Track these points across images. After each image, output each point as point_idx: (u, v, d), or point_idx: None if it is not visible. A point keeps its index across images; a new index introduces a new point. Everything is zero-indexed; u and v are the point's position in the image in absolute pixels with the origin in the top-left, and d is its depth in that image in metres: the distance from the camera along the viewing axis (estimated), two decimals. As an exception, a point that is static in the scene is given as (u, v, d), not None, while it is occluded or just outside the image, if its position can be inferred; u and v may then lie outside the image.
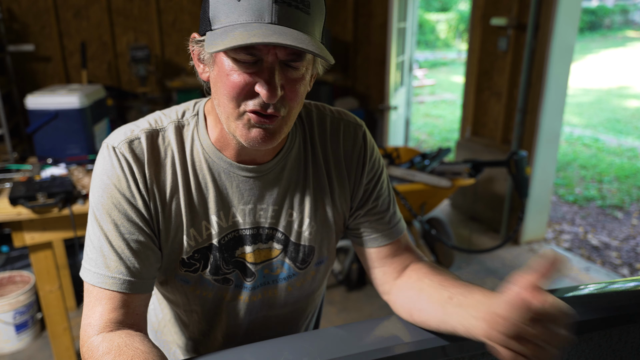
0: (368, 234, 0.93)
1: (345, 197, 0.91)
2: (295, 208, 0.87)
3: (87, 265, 0.78)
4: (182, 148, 0.82)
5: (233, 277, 0.89)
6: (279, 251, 0.89)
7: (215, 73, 0.73)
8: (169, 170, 0.81)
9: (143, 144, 0.79)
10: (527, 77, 3.40)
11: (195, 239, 0.83)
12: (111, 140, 0.80)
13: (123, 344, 0.71)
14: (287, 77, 0.70)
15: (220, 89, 0.72)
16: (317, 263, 0.93)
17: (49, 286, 2.04)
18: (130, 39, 4.26)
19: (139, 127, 0.82)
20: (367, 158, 0.91)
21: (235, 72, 0.69)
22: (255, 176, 0.84)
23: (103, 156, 0.79)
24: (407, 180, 2.89)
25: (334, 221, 0.91)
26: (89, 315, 0.77)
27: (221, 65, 0.70)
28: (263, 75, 0.68)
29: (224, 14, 0.67)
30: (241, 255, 0.87)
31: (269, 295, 0.92)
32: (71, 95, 2.30)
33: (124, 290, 0.76)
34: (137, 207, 0.78)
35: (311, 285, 0.96)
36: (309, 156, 0.88)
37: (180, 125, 0.83)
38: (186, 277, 0.87)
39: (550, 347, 0.60)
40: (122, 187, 0.77)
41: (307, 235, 0.89)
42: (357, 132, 0.91)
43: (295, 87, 0.72)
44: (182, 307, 0.93)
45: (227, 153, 0.82)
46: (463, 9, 17.83)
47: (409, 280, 0.89)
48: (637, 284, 0.96)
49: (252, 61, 0.68)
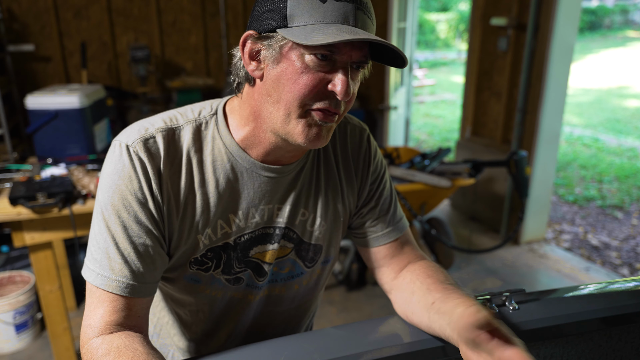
0: (369, 234, 0.95)
1: (354, 196, 0.94)
2: (309, 207, 0.89)
3: (91, 265, 0.77)
4: (200, 147, 0.81)
5: (245, 276, 0.89)
6: (290, 249, 0.90)
7: (278, 71, 0.72)
8: (185, 170, 0.79)
9: (159, 143, 0.77)
10: (527, 77, 3.40)
11: (210, 238, 0.83)
12: (124, 138, 0.78)
13: (122, 345, 0.71)
14: (352, 79, 0.73)
15: (287, 86, 0.71)
16: (323, 262, 0.95)
17: (49, 286, 2.04)
18: (130, 39, 4.26)
19: (153, 125, 0.79)
20: (371, 160, 0.94)
21: (310, 70, 0.70)
22: (278, 177, 0.84)
23: (115, 155, 0.77)
24: (407, 180, 2.89)
25: (343, 220, 0.94)
26: (89, 317, 0.76)
27: (292, 63, 0.70)
28: (339, 75, 0.71)
29: (307, 13, 0.68)
30: (255, 255, 0.88)
31: (275, 292, 0.93)
32: (71, 95, 2.30)
33: (127, 294, 0.75)
34: (149, 209, 0.76)
35: (316, 283, 0.98)
36: (321, 157, 0.90)
37: (198, 124, 0.82)
38: (197, 275, 0.86)
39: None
40: (134, 188, 0.75)
41: (317, 235, 0.91)
42: (362, 135, 0.95)
43: (354, 90, 0.75)
44: (188, 307, 0.93)
45: (253, 153, 0.82)
46: (463, 9, 17.82)
47: (403, 281, 0.91)
48: (637, 284, 0.96)
49: (327, 59, 0.70)
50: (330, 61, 0.70)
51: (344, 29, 0.67)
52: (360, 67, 0.74)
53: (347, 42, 0.69)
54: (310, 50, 0.69)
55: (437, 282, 0.84)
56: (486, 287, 3.13)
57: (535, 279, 3.29)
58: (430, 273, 0.87)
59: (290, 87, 0.71)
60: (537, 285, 3.23)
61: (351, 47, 0.70)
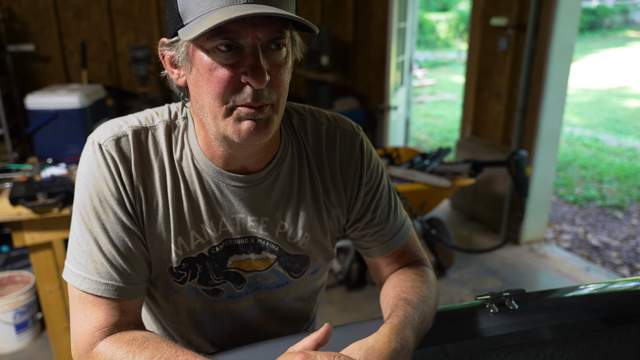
0: (368, 246, 0.92)
1: (342, 207, 0.87)
2: (287, 220, 0.84)
3: (75, 269, 0.74)
4: (171, 151, 0.78)
5: (224, 287, 0.86)
6: (273, 260, 0.86)
7: (194, 73, 0.68)
8: (157, 173, 0.77)
9: (130, 142, 0.75)
10: (527, 77, 3.40)
11: (183, 248, 0.80)
12: (97, 136, 0.76)
13: (140, 336, 0.71)
14: (271, 62, 0.67)
15: (202, 88, 0.67)
16: (312, 272, 0.91)
17: (49, 286, 2.04)
18: (130, 39, 4.26)
19: (127, 123, 0.77)
20: (364, 169, 0.86)
21: (218, 66, 0.65)
22: (246, 186, 0.79)
23: (88, 154, 0.75)
24: (407, 180, 2.89)
25: (330, 231, 0.88)
26: (81, 323, 0.73)
27: (201, 62, 0.66)
28: (247, 61, 0.65)
29: (195, 4, 0.64)
30: (233, 265, 0.85)
31: (261, 298, 0.90)
32: (71, 95, 2.29)
33: (117, 296, 0.73)
34: (126, 208, 0.74)
35: (304, 291, 0.95)
36: (304, 166, 0.84)
37: (170, 126, 0.79)
38: (175, 286, 0.84)
39: None
40: (110, 187, 0.73)
41: (301, 246, 0.86)
42: (354, 142, 0.86)
43: (280, 72, 0.68)
44: (170, 317, 0.91)
45: (217, 161, 0.78)
46: (463, 9, 17.82)
47: (385, 288, 0.90)
48: (637, 284, 0.96)
49: (232, 48, 0.65)
50: (236, 50, 0.65)
51: (229, 10, 0.61)
52: (280, 44, 0.67)
53: (248, 22, 0.63)
54: (207, 44, 0.64)
55: (394, 296, 0.82)
56: (486, 287, 3.13)
57: (535, 279, 3.29)
58: (396, 286, 0.85)
59: (206, 88, 0.67)
60: (537, 285, 3.23)
61: (252, 26, 0.63)
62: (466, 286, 3.12)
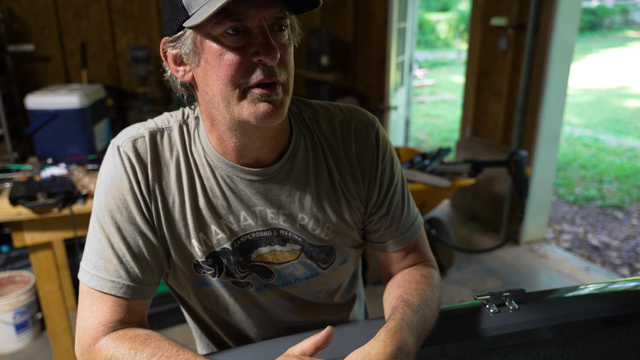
0: (382, 240, 0.92)
1: (361, 197, 0.88)
2: (306, 211, 0.84)
3: (85, 266, 0.77)
4: (185, 150, 0.80)
5: (251, 279, 0.87)
6: (299, 252, 0.87)
7: (202, 65, 0.70)
8: (174, 172, 0.79)
9: (147, 143, 0.78)
10: (527, 77, 3.40)
11: (205, 243, 0.82)
12: (117, 139, 0.79)
13: (142, 333, 0.71)
14: (278, 43, 0.69)
15: (212, 76, 0.69)
16: (340, 263, 0.92)
17: (49, 286, 2.04)
18: (130, 39, 4.26)
19: (144, 126, 0.80)
20: (379, 160, 0.87)
21: (227, 51, 0.67)
22: (260, 179, 0.81)
23: (108, 156, 0.78)
24: (407, 180, 2.89)
25: (353, 221, 0.89)
26: (87, 319, 0.75)
27: (210, 50, 0.68)
28: (257, 40, 0.67)
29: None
30: (258, 258, 0.86)
31: (292, 293, 0.91)
32: (71, 95, 2.29)
33: (123, 294, 0.75)
34: (141, 209, 0.76)
35: (337, 282, 0.95)
36: (319, 158, 0.85)
37: (183, 125, 0.82)
38: (205, 278, 0.85)
39: None
40: (125, 188, 0.76)
41: (324, 237, 0.87)
42: (370, 132, 0.87)
43: (287, 52, 0.71)
44: (207, 314, 0.92)
45: (229, 156, 0.79)
46: (463, 9, 17.82)
47: (388, 287, 0.91)
48: (637, 284, 0.96)
49: (240, 32, 0.66)
50: (244, 33, 0.67)
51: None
52: (282, 26, 0.70)
53: (254, 3, 0.65)
54: (216, 30, 0.66)
55: (396, 297, 0.83)
56: (486, 287, 3.13)
57: (535, 279, 3.29)
58: (401, 283, 0.87)
59: (217, 74, 0.68)
60: (537, 285, 3.23)
61: (257, 7, 0.66)
62: (466, 286, 3.13)
